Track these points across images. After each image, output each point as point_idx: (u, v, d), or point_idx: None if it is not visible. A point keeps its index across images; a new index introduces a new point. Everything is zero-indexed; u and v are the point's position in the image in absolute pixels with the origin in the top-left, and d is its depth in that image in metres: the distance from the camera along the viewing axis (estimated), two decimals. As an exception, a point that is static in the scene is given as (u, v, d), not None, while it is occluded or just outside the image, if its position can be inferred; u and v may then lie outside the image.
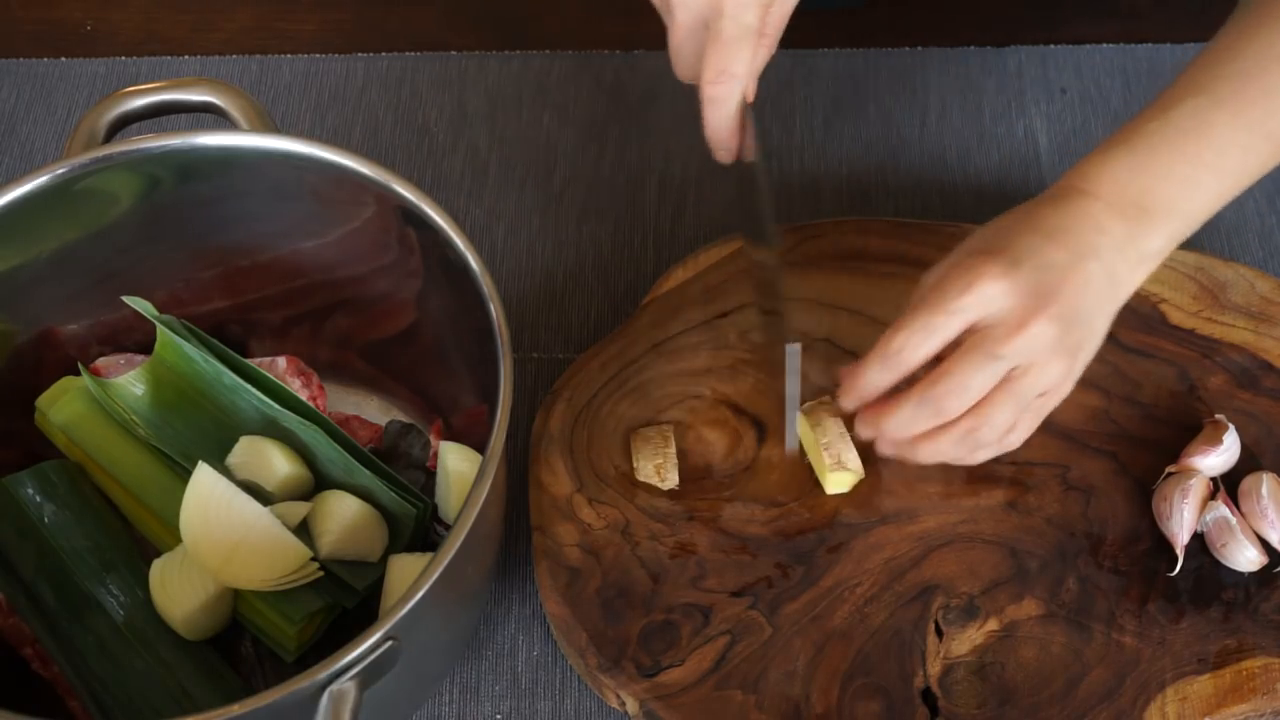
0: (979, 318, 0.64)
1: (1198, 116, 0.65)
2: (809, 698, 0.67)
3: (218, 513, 0.64)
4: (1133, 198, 0.65)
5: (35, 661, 0.67)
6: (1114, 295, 0.66)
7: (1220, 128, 0.65)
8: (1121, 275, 0.66)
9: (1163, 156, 0.65)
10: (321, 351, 0.76)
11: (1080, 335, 0.65)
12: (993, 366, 0.64)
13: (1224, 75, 0.65)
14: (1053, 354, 0.64)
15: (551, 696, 0.71)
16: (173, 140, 0.66)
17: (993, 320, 0.63)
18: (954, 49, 0.95)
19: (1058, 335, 0.64)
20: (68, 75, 0.95)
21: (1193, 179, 0.65)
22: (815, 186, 0.89)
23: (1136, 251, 0.66)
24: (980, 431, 0.66)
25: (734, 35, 0.65)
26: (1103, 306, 0.66)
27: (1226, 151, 0.65)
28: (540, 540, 0.71)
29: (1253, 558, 0.69)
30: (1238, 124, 0.65)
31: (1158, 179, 0.65)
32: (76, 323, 0.72)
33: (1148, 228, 0.65)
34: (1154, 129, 0.65)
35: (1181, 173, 0.65)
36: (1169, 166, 0.65)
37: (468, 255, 0.63)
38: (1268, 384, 0.75)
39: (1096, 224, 0.65)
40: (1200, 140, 0.65)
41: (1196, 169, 0.65)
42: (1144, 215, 0.65)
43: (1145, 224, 0.65)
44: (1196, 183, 0.65)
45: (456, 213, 0.87)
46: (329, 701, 0.53)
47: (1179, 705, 0.66)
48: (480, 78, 0.94)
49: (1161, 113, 0.66)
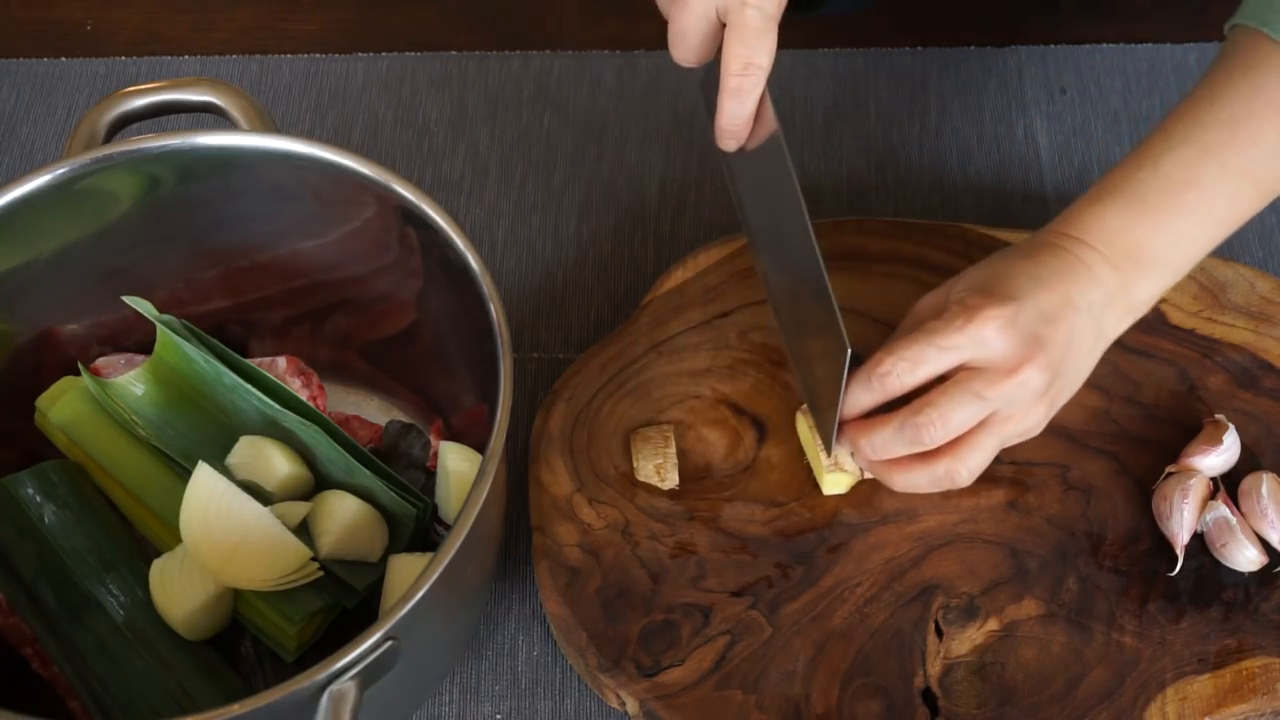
0: (971, 357, 0.64)
1: (1187, 167, 0.65)
2: (809, 698, 0.67)
3: (218, 513, 0.64)
4: (1124, 249, 0.66)
5: (35, 661, 0.67)
6: (1097, 347, 0.67)
7: (1209, 178, 0.65)
8: (1108, 326, 0.67)
9: (1153, 209, 0.66)
10: (321, 351, 0.76)
11: (1062, 385, 0.67)
12: (976, 406, 0.65)
13: (1211, 124, 0.65)
14: (1035, 402, 0.66)
15: (551, 696, 0.71)
16: (173, 140, 0.66)
17: (984, 362, 0.64)
18: (954, 49, 0.95)
19: (1044, 384, 0.65)
20: (68, 75, 0.95)
21: (1182, 230, 0.66)
22: (815, 186, 0.89)
23: (1126, 302, 0.67)
24: (957, 472, 0.67)
25: (759, 26, 0.65)
26: (1085, 358, 0.67)
27: (1215, 201, 0.66)
28: (540, 540, 0.71)
29: (1253, 558, 0.69)
30: (1226, 173, 0.65)
31: (1149, 231, 0.66)
32: (76, 323, 0.72)
33: (1138, 279, 0.66)
34: (1144, 179, 0.66)
35: (1172, 225, 0.66)
36: (1159, 219, 0.66)
37: (468, 255, 0.63)
38: (1268, 384, 0.75)
39: (1090, 273, 0.66)
40: (1190, 191, 0.65)
41: (1186, 220, 0.66)
42: (1135, 266, 0.66)
43: (1136, 275, 0.66)
44: (1186, 233, 0.66)
45: (456, 213, 0.87)
46: (329, 701, 0.53)
47: (1179, 705, 0.66)
48: (480, 78, 0.94)
49: (1151, 162, 0.66)
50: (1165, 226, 0.66)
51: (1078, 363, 0.67)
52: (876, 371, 0.65)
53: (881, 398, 0.66)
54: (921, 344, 0.65)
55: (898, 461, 0.68)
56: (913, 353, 0.65)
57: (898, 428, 0.65)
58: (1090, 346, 0.67)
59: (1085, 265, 0.66)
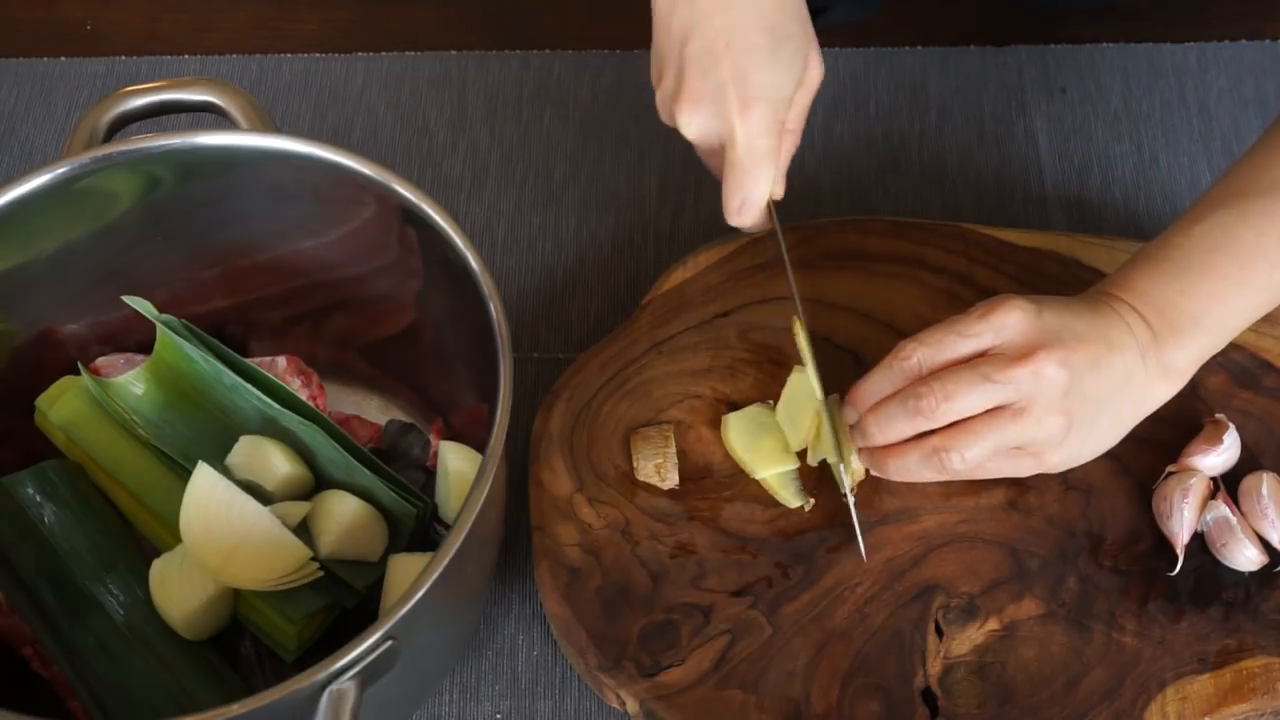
0: (990, 344, 0.64)
1: (1223, 232, 0.65)
2: (809, 697, 0.67)
3: (218, 513, 0.64)
4: (1160, 310, 0.66)
5: (35, 661, 0.67)
6: (1134, 400, 0.66)
7: (1245, 243, 0.65)
8: (1138, 380, 0.66)
9: (1185, 271, 0.66)
10: (321, 351, 0.76)
11: (1084, 412, 0.65)
12: (983, 388, 0.64)
13: (1251, 191, 0.65)
14: (1050, 406, 0.64)
15: (551, 696, 0.71)
16: (173, 140, 0.66)
17: (1001, 348, 0.64)
18: (954, 49, 0.95)
19: (1062, 386, 0.64)
20: (68, 75, 0.95)
21: (1218, 294, 0.66)
22: (815, 186, 0.89)
23: (1159, 363, 0.66)
24: (949, 455, 0.66)
25: (751, 163, 0.66)
26: (1112, 399, 0.66)
27: (1252, 266, 0.65)
28: (540, 540, 0.71)
29: (1253, 557, 0.69)
30: (1264, 240, 0.65)
31: (1183, 294, 0.65)
32: (76, 323, 0.72)
33: (1172, 341, 0.66)
34: (1179, 243, 0.66)
35: (1206, 289, 0.65)
36: (1194, 282, 0.65)
37: (468, 255, 0.63)
38: (1268, 383, 0.75)
39: (1126, 325, 0.66)
40: (1226, 255, 0.65)
41: (1222, 285, 0.65)
42: (1169, 328, 0.66)
43: (1170, 337, 0.66)
44: (1222, 298, 0.66)
45: (456, 213, 0.87)
46: (329, 701, 0.53)
47: (1179, 705, 0.66)
48: (480, 78, 0.94)
49: (1189, 227, 0.66)
50: (1199, 289, 0.65)
51: (1103, 397, 0.65)
52: (898, 357, 0.66)
53: (901, 381, 0.66)
54: (943, 330, 0.65)
55: (894, 446, 0.68)
56: (934, 338, 0.65)
57: (900, 400, 0.66)
58: (1118, 388, 0.66)
59: (1119, 316, 0.66)
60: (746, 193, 0.67)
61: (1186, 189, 0.88)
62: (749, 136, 0.66)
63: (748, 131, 0.66)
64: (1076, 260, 0.79)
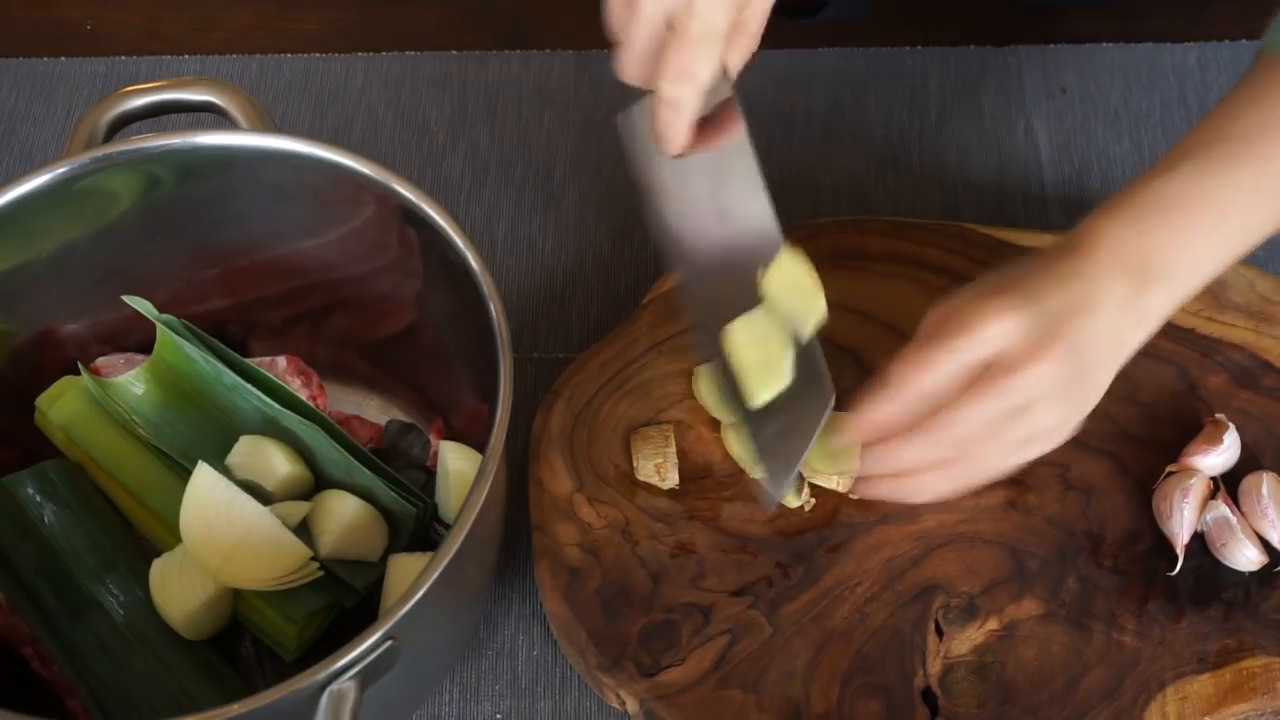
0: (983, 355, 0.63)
1: (1194, 182, 0.65)
2: (809, 697, 0.67)
3: (218, 513, 0.64)
4: (1135, 259, 0.65)
5: (35, 661, 0.67)
6: (1115, 352, 0.66)
7: (1219, 191, 0.65)
8: (1123, 334, 0.66)
9: (1163, 219, 0.65)
10: (321, 351, 0.76)
11: (1084, 384, 0.65)
12: (996, 403, 0.63)
13: (1220, 139, 0.66)
14: (1055, 397, 0.64)
15: (551, 696, 0.71)
16: (173, 140, 0.66)
17: (999, 358, 0.63)
18: (954, 49, 0.95)
19: (1065, 377, 0.63)
20: (68, 75, 0.95)
21: (1192, 242, 0.66)
22: (815, 186, 0.89)
23: (1137, 312, 0.66)
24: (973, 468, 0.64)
25: (700, 35, 0.63)
26: (1104, 360, 0.66)
27: (1227, 214, 0.65)
28: (540, 540, 0.71)
29: (1253, 557, 0.69)
30: (1239, 189, 0.65)
31: (1159, 241, 0.65)
32: (76, 323, 0.72)
33: (1148, 289, 0.66)
34: (1156, 189, 0.66)
35: (1183, 237, 0.65)
36: (1169, 229, 0.65)
37: (468, 255, 0.63)
38: (1268, 383, 0.75)
39: (1101, 281, 0.65)
40: (1200, 204, 0.65)
41: (1196, 232, 0.65)
42: (1145, 277, 0.65)
43: (1146, 285, 0.65)
44: (1195, 245, 0.66)
45: (456, 213, 0.87)
46: (329, 701, 0.53)
47: (1179, 705, 0.66)
48: (480, 78, 0.94)
49: (1164, 174, 0.66)
50: (1175, 238, 0.65)
51: (1096, 363, 0.65)
52: (886, 380, 0.63)
53: (897, 408, 0.64)
54: (930, 348, 0.63)
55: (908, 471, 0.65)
56: (922, 356, 0.63)
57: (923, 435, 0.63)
58: (1107, 349, 0.66)
59: (1096, 273, 0.65)
60: (688, 62, 0.63)
61: (1186, 189, 0.88)
62: (707, 7, 0.63)
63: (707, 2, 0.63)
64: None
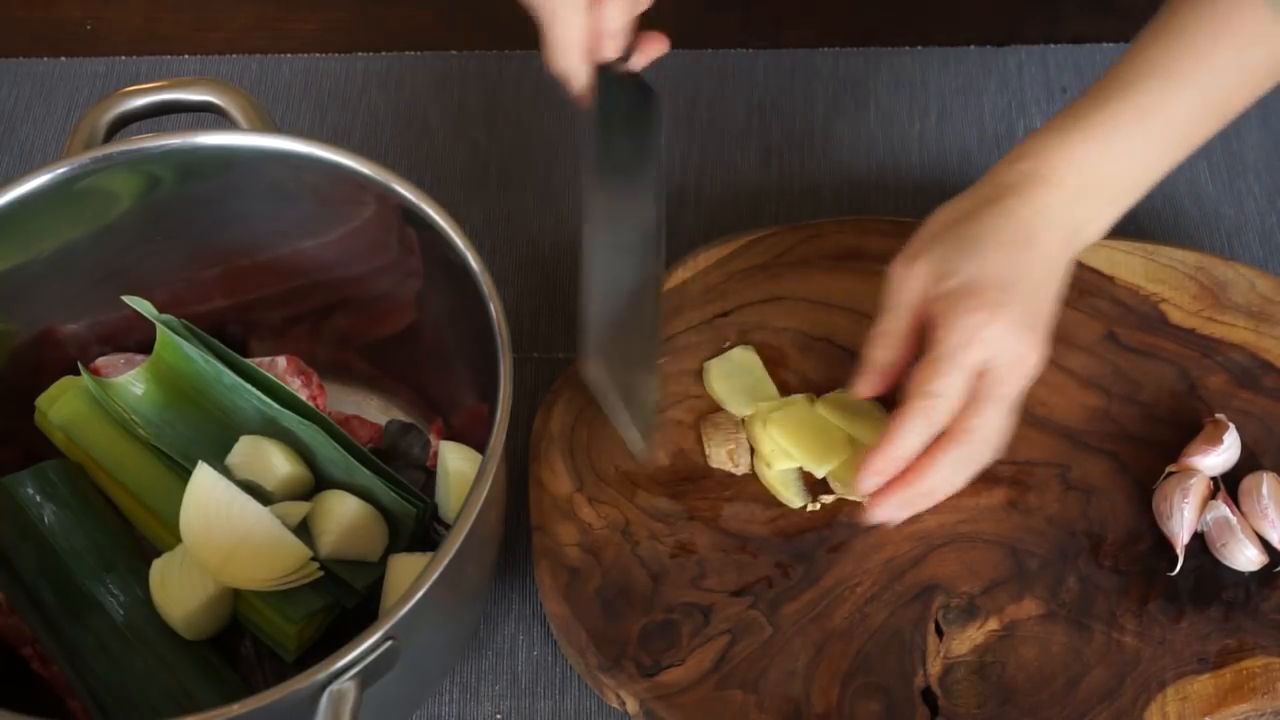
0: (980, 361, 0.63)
1: (1156, 95, 0.66)
2: (809, 697, 0.67)
3: (218, 513, 0.64)
4: (1094, 183, 0.66)
5: (35, 661, 0.67)
6: (1067, 280, 0.67)
7: (1174, 106, 0.66)
8: (1073, 259, 0.67)
9: (1122, 139, 0.66)
10: (321, 351, 0.76)
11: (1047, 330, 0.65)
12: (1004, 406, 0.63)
13: (1177, 53, 0.66)
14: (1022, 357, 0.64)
15: (551, 696, 0.71)
16: (173, 140, 0.66)
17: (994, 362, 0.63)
18: (954, 49, 0.95)
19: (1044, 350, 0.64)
20: (68, 75, 0.95)
21: (1149, 159, 0.67)
22: (815, 186, 0.89)
23: (1094, 235, 0.67)
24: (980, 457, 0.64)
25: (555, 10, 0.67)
26: (1059, 297, 0.66)
27: (1177, 129, 0.67)
28: (540, 540, 0.71)
29: (1253, 557, 0.69)
30: (1191, 102, 0.66)
31: (1119, 162, 0.66)
32: (76, 323, 0.72)
33: (1107, 212, 0.67)
34: (1113, 109, 0.66)
35: (1141, 152, 0.66)
36: (1128, 147, 0.66)
37: (468, 255, 0.63)
38: (1268, 383, 0.75)
39: (1061, 218, 0.66)
40: (1155, 118, 0.66)
41: (1150, 146, 0.67)
42: (1101, 197, 0.66)
43: (1105, 208, 0.67)
44: (1146, 158, 0.67)
45: (456, 213, 0.87)
46: (329, 701, 0.53)
47: (1179, 705, 0.66)
48: (480, 78, 0.94)
49: (1119, 93, 0.66)
50: (1132, 157, 0.67)
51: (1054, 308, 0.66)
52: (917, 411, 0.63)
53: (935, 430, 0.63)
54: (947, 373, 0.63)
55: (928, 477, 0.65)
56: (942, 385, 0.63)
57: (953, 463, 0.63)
58: (1063, 285, 0.67)
59: (1054, 208, 0.65)
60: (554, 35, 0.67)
61: (1186, 189, 0.88)
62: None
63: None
64: (1076, 260, 0.79)
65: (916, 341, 0.65)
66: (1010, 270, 0.64)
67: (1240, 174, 0.89)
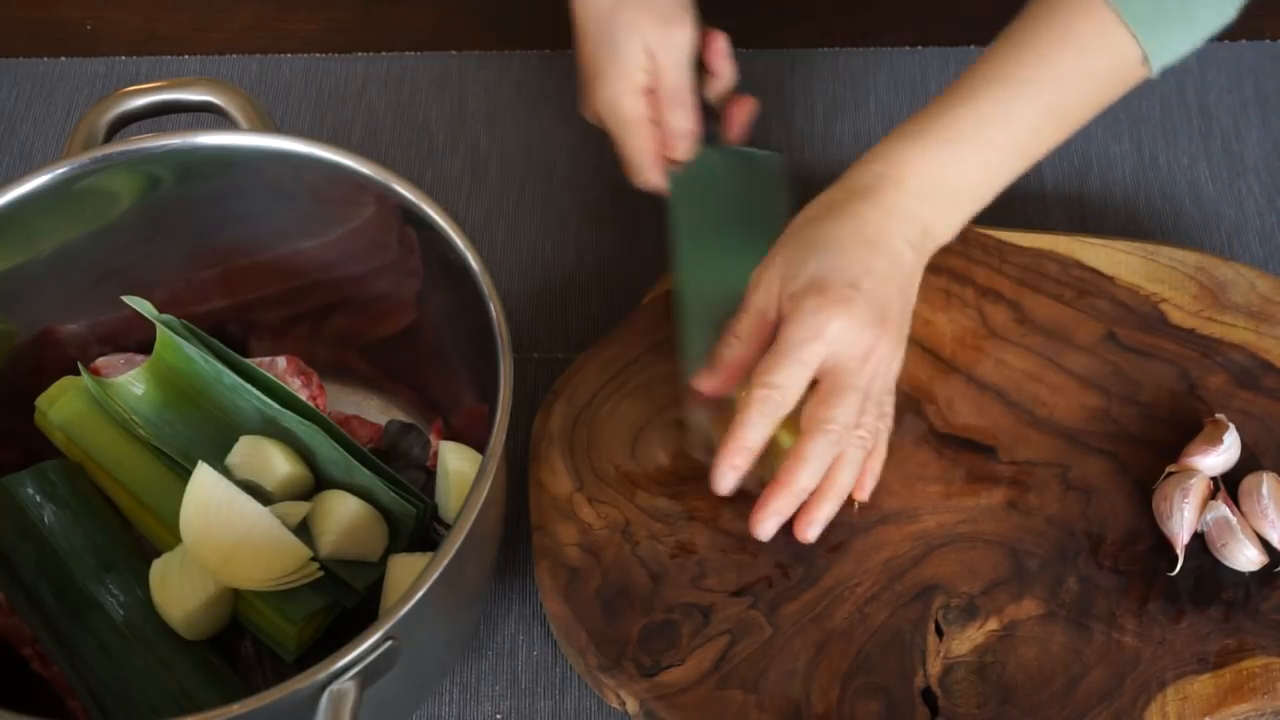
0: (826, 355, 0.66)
1: (1002, 104, 0.68)
2: (809, 697, 0.67)
3: (218, 513, 0.64)
4: (939, 185, 0.69)
5: (35, 661, 0.67)
6: (918, 275, 0.70)
7: (1019, 114, 0.69)
8: (924, 261, 0.70)
9: (969, 146, 0.69)
10: (321, 351, 0.76)
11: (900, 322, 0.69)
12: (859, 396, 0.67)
13: (1024, 62, 0.68)
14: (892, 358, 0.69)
15: (551, 696, 0.71)
16: (173, 140, 0.66)
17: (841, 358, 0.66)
18: (954, 49, 0.95)
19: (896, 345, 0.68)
20: (68, 75, 0.95)
21: (990, 163, 0.70)
22: (815, 186, 0.88)
23: (943, 235, 0.70)
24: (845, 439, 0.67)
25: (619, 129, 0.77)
26: (910, 291, 0.70)
27: (1021, 135, 0.69)
28: (540, 540, 0.71)
29: (1253, 557, 0.69)
30: (1035, 110, 0.69)
31: (962, 167, 0.69)
32: (76, 323, 0.72)
33: (954, 213, 0.70)
34: (960, 116, 0.69)
35: (984, 159, 0.69)
36: (973, 155, 0.69)
37: (468, 255, 0.63)
38: (1268, 383, 0.75)
39: (905, 215, 0.68)
40: (1005, 127, 0.69)
41: (995, 154, 0.69)
42: (947, 200, 0.69)
43: (952, 210, 0.70)
44: (992, 166, 0.70)
45: (456, 213, 0.87)
46: (329, 701, 0.53)
47: (1179, 705, 0.66)
48: (480, 78, 0.94)
49: (968, 101, 0.69)
50: (977, 162, 0.69)
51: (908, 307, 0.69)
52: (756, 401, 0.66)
53: (776, 419, 0.67)
54: (786, 365, 0.66)
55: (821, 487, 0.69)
56: (781, 377, 0.66)
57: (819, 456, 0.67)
58: (916, 286, 0.70)
59: (903, 210, 0.68)
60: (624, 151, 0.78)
61: (1186, 189, 0.88)
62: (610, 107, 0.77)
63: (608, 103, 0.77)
64: (1076, 260, 0.79)
65: (769, 342, 0.68)
66: (857, 267, 0.67)
67: (1240, 174, 0.89)
